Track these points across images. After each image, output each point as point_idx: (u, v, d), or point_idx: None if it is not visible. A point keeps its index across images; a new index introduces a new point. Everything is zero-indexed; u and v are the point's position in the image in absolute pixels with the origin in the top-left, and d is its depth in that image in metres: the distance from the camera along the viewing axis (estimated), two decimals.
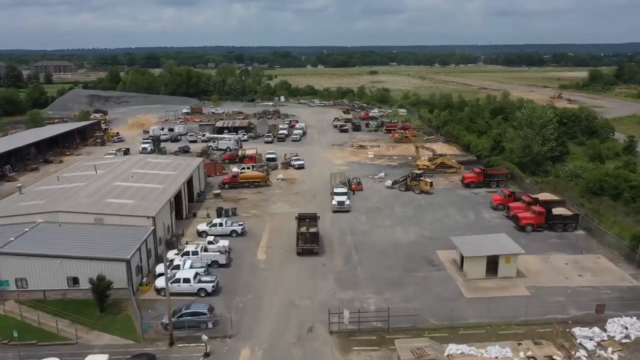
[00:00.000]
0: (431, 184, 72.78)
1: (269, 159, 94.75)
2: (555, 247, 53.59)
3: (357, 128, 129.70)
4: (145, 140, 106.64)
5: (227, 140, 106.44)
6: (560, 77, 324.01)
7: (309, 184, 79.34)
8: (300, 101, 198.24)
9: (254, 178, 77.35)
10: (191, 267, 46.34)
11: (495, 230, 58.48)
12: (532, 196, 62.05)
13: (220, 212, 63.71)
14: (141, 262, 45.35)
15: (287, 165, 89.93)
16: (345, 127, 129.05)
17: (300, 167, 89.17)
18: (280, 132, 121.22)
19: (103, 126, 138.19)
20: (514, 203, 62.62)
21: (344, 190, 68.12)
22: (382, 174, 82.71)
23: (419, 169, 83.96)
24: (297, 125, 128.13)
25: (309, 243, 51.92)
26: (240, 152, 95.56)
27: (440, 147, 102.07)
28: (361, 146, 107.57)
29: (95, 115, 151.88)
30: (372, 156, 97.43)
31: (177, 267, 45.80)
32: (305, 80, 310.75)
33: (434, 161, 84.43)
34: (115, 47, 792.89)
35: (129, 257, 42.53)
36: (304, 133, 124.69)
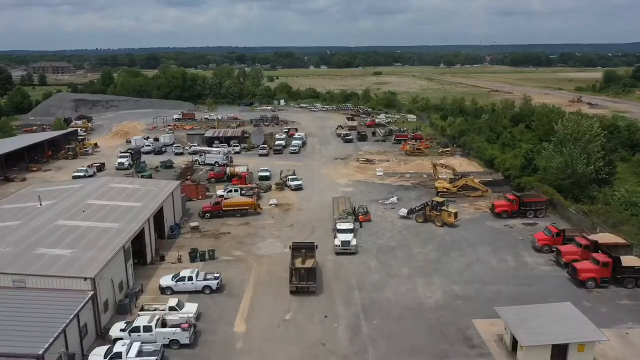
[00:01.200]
0: (455, 215, 59.62)
1: (261, 178, 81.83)
2: (632, 314, 40.38)
3: (362, 138, 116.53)
4: (122, 154, 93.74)
5: (216, 154, 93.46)
6: (572, 78, 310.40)
7: (307, 212, 66.30)
8: (301, 105, 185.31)
9: (240, 205, 64.35)
10: (140, 353, 33.40)
11: (543, 282, 45.52)
12: (589, 237, 48.91)
13: (194, 255, 50.79)
14: (67, 349, 32.40)
15: (282, 185, 76.92)
16: (350, 137, 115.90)
17: (298, 188, 76.17)
18: (277, 143, 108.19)
19: (83, 135, 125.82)
20: (565, 246, 49.45)
21: (349, 225, 54.92)
22: (393, 199, 69.57)
23: (438, 191, 70.96)
24: (297, 135, 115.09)
25: (305, 281, 44.08)
26: (229, 169, 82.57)
27: (459, 163, 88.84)
28: (368, 160, 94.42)
29: (77, 122, 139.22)
30: (381, 173, 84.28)
31: (119, 356, 32.85)
32: (307, 81, 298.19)
33: (456, 183, 71.23)
34: (118, 48, 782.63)
35: (40, 352, 29.57)
36: (304, 144, 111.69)
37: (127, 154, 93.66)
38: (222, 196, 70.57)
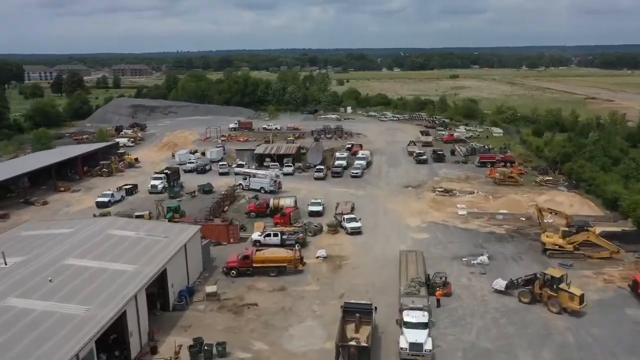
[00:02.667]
0: (581, 298, 40.61)
1: (312, 213, 66.03)
2: None
3: (439, 158, 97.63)
4: (156, 175, 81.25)
5: (262, 177, 78.72)
6: None
7: (365, 272, 49.58)
8: (370, 113, 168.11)
9: (277, 261, 48.72)
10: None
11: None
12: None
13: (196, 351, 35.66)
14: None
15: (335, 227, 60.53)
16: (424, 157, 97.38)
17: (356, 231, 59.53)
18: (337, 163, 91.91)
19: (131, 146, 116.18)
20: None
21: (422, 318, 36.89)
22: (483, 258, 51.21)
23: (546, 248, 51.96)
24: (360, 153, 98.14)
25: None
26: (272, 201, 67.37)
27: (569, 202, 68.51)
28: (446, 191, 75.95)
29: (127, 131, 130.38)
30: (463, 213, 65.77)
31: None
32: (378, 85, 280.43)
33: (573, 238, 51.57)
34: (197, 50, 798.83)
35: None
36: (368, 164, 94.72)
37: (162, 175, 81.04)
38: (257, 242, 55.60)
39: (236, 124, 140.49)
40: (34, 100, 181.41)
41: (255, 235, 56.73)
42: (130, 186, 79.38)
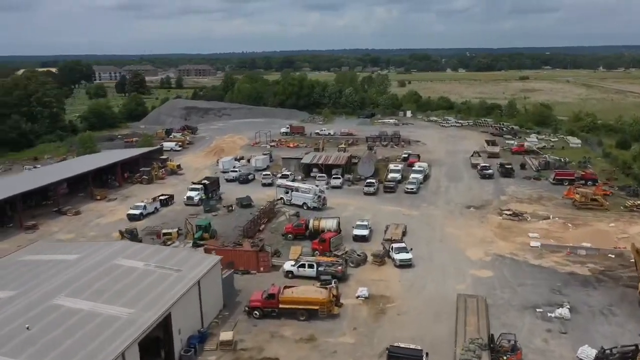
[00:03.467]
0: None
1: (357, 238, 57.91)
2: None
3: (507, 172, 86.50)
4: (194, 186, 75.74)
5: (306, 192, 71.30)
6: None
7: (413, 321, 40.94)
8: (431, 118, 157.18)
9: (307, 303, 41.04)
10: None
11: None
12: None
13: None
14: None
15: (382, 258, 52.08)
16: (490, 171, 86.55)
17: (405, 264, 50.87)
18: (391, 177, 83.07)
19: (179, 149, 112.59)
20: None
21: None
22: (564, 311, 41.14)
23: None
24: (417, 165, 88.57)
25: None
26: (312, 222, 59.70)
27: None
28: (516, 215, 65.44)
29: (176, 135, 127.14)
30: (537, 245, 55.40)
31: None
32: (442, 86, 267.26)
33: None
34: (262, 51, 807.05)
35: None
36: (426, 178, 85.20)
37: (200, 186, 75.45)
38: (289, 273, 48.27)
39: (287, 128, 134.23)
40: (94, 100, 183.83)
41: (288, 265, 49.36)
42: (166, 197, 74.42)
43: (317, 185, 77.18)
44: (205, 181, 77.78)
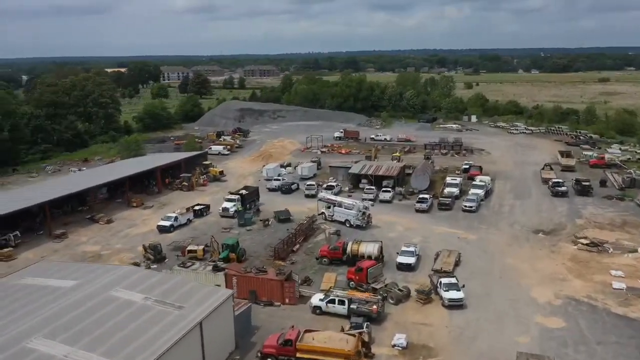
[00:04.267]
0: None
1: (401, 266, 50.37)
2: None
3: (584, 190, 75.34)
4: (230, 197, 70.63)
5: (350, 207, 64.19)
6: None
7: None
8: (498, 124, 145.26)
9: (329, 354, 34.20)
10: None
11: None
12: None
13: None
14: None
15: (428, 295, 44.26)
16: (563, 188, 75.71)
17: (455, 304, 42.79)
18: (447, 191, 74.37)
19: (225, 153, 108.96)
20: None
21: None
22: None
23: None
24: (478, 179, 79.05)
25: None
26: (350, 246, 52.63)
27: None
28: (595, 245, 55.28)
29: (226, 137, 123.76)
30: (621, 287, 45.53)
31: None
32: (512, 89, 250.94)
33: None
34: (327, 52, 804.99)
35: None
36: (488, 193, 75.80)
37: (237, 196, 70.31)
38: (317, 308, 41.70)
39: (341, 132, 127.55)
40: (150, 101, 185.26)
41: (316, 299, 42.70)
42: (201, 207, 69.89)
43: (364, 200, 70.27)
44: (243, 191, 72.60)
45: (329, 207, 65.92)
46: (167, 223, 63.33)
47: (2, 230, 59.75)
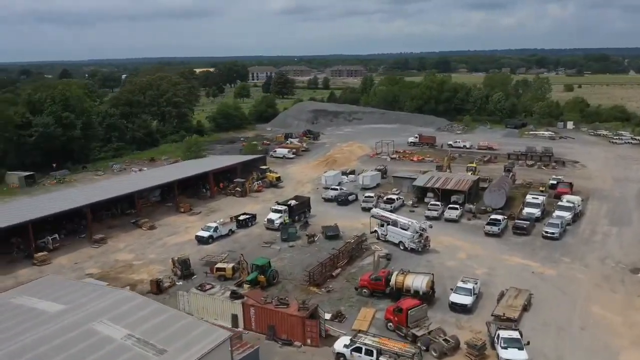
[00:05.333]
0: None
1: (454, 306, 41.76)
2: None
3: None
4: (277, 207, 64.96)
5: (404, 228, 55.98)
6: None
7: None
8: (599, 132, 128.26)
9: None
10: None
11: None
12: None
13: None
14: None
15: (482, 350, 35.44)
16: None
17: None
18: (526, 212, 63.56)
19: (291, 157, 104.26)
20: None
21: None
22: None
23: None
24: (565, 199, 67.12)
25: None
26: (395, 277, 44.64)
27: None
28: None
29: (292, 140, 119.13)
30: None
31: None
32: (620, 92, 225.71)
33: None
34: (420, 52, 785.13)
35: None
36: (576, 217, 63.97)
37: (284, 207, 64.60)
38: (341, 356, 34.63)
39: (416, 137, 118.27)
40: (223, 101, 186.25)
41: (340, 345, 35.61)
42: (247, 216, 65.01)
43: (427, 217, 61.92)
44: (293, 201, 66.76)
45: (382, 225, 58.24)
46: (205, 234, 59.03)
47: (44, 232, 58.54)
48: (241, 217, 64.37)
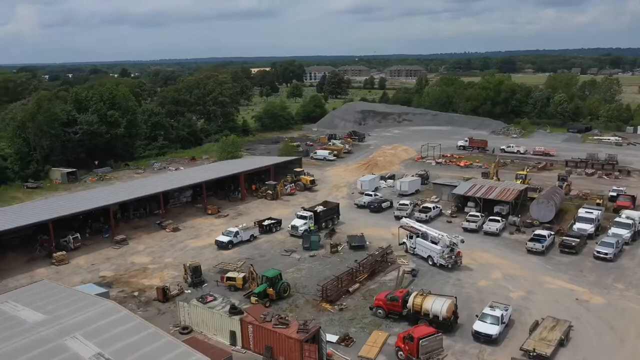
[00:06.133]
0: None
1: (477, 336, 36.82)
2: None
3: None
4: (302, 213, 61.55)
5: (434, 241, 50.99)
6: None
7: None
8: None
9: None
10: None
11: None
12: None
13: None
14: None
15: None
16: None
17: None
18: (577, 227, 56.65)
19: (332, 159, 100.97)
20: None
21: None
22: None
23: None
24: (624, 215, 59.01)
25: None
26: (415, 297, 40.14)
27: None
28: None
29: (334, 142, 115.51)
30: None
31: None
32: None
33: None
34: (485, 51, 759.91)
35: None
36: (636, 235, 56.41)
37: (310, 213, 61.24)
38: None
39: (466, 141, 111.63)
40: (269, 100, 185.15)
41: None
42: (272, 222, 62.23)
43: (465, 229, 56.74)
44: (320, 207, 63.26)
45: (410, 237, 53.69)
46: (225, 239, 56.66)
47: (67, 231, 58.32)
48: (265, 222, 61.62)
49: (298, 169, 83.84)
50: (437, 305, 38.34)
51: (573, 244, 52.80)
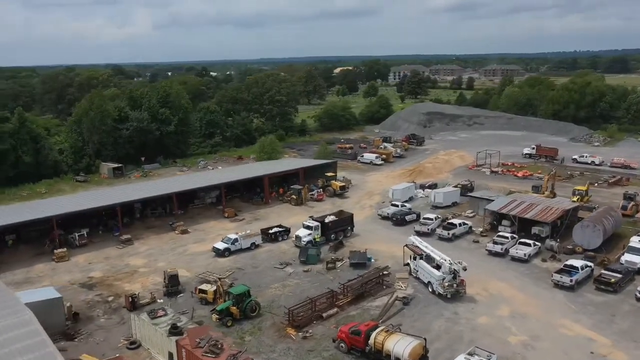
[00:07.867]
0: None
1: None
2: None
3: None
4: (309, 223, 56.99)
5: (434, 264, 44.53)
6: None
7: None
8: None
9: None
10: None
11: None
12: None
13: None
14: None
15: None
16: None
17: None
18: (625, 260, 46.88)
19: (379, 163, 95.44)
20: None
21: None
22: None
23: None
24: None
25: None
26: (377, 334, 34.32)
27: None
28: None
29: (386, 145, 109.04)
30: None
31: None
32: None
33: None
34: (598, 50, 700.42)
35: None
36: None
37: (316, 223, 56.74)
38: None
39: (533, 148, 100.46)
40: (330, 100, 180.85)
41: None
42: (279, 230, 58.59)
43: (492, 247, 49.39)
44: (331, 217, 58.50)
45: (414, 258, 47.48)
46: (222, 246, 53.91)
47: (82, 227, 58.78)
48: (271, 230, 58.07)
49: (330, 174, 79.27)
50: (400, 347, 32.50)
51: (612, 280, 43.63)
